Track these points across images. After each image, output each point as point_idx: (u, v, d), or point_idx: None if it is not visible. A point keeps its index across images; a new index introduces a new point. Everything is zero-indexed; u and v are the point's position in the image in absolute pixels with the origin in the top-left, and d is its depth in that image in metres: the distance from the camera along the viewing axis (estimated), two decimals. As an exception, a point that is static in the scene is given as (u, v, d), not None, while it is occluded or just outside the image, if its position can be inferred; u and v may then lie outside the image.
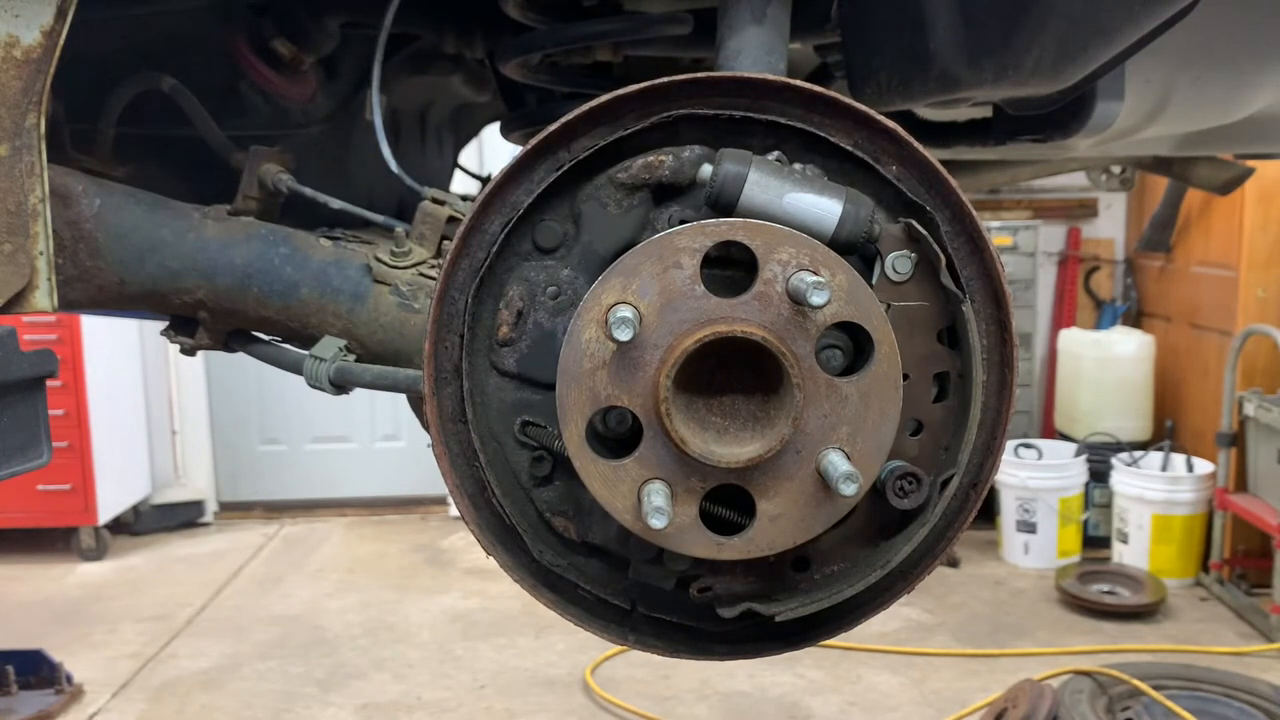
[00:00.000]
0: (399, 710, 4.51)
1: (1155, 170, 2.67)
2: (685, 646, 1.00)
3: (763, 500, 0.87)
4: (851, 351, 0.90)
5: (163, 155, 1.58)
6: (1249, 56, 1.37)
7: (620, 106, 0.90)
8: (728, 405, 0.87)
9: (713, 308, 0.84)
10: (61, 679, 4.55)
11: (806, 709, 4.45)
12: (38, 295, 1.04)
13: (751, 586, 0.95)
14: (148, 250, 1.24)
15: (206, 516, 7.30)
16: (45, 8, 0.99)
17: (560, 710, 4.48)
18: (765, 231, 0.84)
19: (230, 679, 4.80)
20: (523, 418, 0.95)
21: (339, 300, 1.25)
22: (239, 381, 7.24)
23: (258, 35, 1.55)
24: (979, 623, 5.37)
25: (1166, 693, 4.00)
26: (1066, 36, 1.08)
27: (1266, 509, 5.26)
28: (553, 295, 0.94)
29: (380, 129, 1.41)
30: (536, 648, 5.06)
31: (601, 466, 0.86)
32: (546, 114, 1.61)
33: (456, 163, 2.43)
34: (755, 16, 1.16)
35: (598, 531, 0.96)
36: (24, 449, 1.22)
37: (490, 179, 0.92)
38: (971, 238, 0.91)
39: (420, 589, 5.89)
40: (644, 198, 0.92)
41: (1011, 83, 1.14)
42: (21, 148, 1.01)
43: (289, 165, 1.37)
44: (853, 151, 0.91)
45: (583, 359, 0.85)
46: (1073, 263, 7.08)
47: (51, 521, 6.34)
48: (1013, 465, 6.02)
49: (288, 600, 5.77)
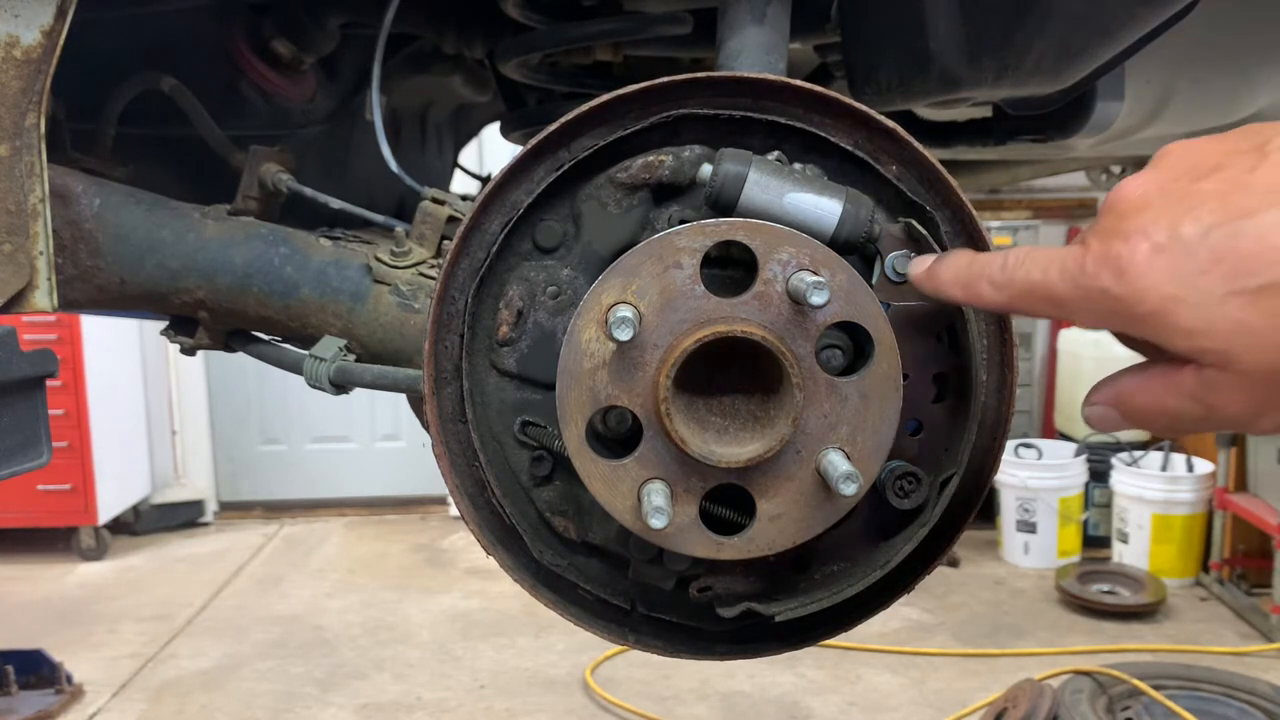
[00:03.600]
0: (399, 710, 4.51)
1: (1155, 170, 2.66)
2: (685, 646, 1.00)
3: (763, 500, 0.87)
4: (851, 351, 0.90)
5: (163, 155, 1.58)
6: (1249, 56, 1.37)
7: (620, 106, 0.90)
8: (728, 405, 0.87)
9: (713, 308, 0.84)
10: (61, 679, 4.55)
11: (806, 709, 4.45)
12: (38, 295, 1.04)
13: (751, 586, 0.95)
14: (148, 250, 1.24)
15: (206, 516, 7.30)
16: (45, 8, 0.99)
17: (560, 710, 4.48)
18: (765, 231, 0.84)
19: (230, 679, 4.80)
20: (523, 418, 0.95)
21: (339, 300, 1.25)
22: (239, 381, 7.25)
23: (258, 35, 1.55)
24: (979, 623, 5.37)
25: (1166, 693, 4.00)
26: (1067, 36, 1.08)
27: (1266, 509, 5.27)
28: (553, 295, 0.94)
29: (380, 129, 1.41)
30: (536, 648, 5.06)
31: (601, 466, 0.86)
32: (546, 114, 1.61)
33: (456, 163, 2.43)
34: (755, 16, 1.16)
35: (598, 531, 0.96)
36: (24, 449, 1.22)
37: (490, 179, 0.92)
38: (971, 238, 0.90)
39: (420, 589, 5.89)
40: (644, 198, 0.92)
41: (1012, 82, 1.14)
42: (21, 148, 1.01)
43: (289, 165, 1.37)
44: (853, 151, 0.91)
45: (582, 359, 0.85)
46: (1074, 254, 7.08)
47: (51, 521, 6.34)
48: (1013, 465, 6.02)
49: (288, 600, 5.77)
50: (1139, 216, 0.68)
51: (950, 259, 0.82)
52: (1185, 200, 0.67)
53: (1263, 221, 0.64)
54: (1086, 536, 6.29)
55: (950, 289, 0.80)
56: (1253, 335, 0.64)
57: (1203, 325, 0.65)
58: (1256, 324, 0.63)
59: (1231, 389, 0.66)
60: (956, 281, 0.80)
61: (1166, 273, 0.66)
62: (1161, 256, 0.66)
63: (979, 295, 0.77)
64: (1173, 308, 0.65)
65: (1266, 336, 0.64)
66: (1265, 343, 0.64)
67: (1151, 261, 0.66)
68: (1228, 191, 0.66)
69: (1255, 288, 0.63)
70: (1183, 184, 0.69)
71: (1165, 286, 0.65)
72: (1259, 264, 0.63)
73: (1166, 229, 0.66)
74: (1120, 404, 0.73)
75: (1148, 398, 0.71)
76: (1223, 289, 0.64)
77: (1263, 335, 0.64)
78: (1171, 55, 1.31)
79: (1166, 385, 0.70)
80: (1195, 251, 0.65)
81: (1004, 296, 0.75)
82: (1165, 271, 0.66)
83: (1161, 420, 0.71)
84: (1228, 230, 0.65)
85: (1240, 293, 0.64)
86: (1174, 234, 0.66)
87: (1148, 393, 0.71)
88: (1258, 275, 0.63)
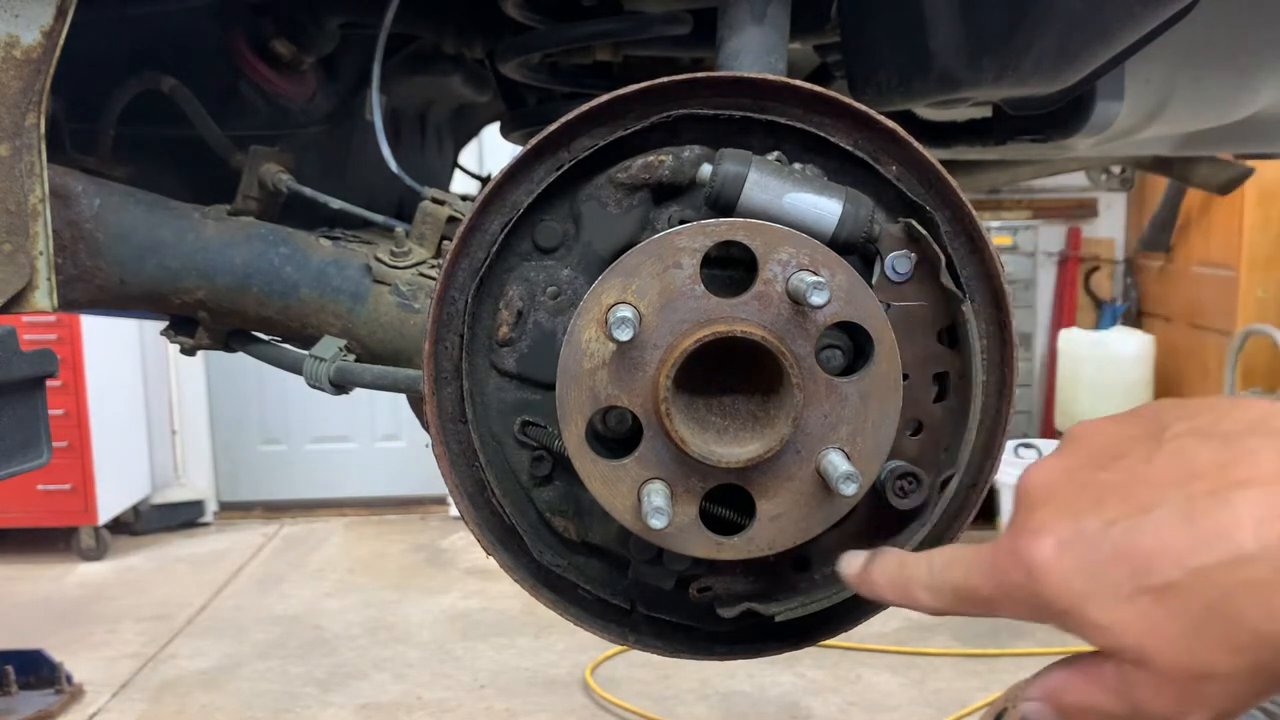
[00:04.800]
0: (399, 710, 4.51)
1: (1155, 170, 2.67)
2: (685, 646, 1.00)
3: (763, 500, 0.87)
4: (851, 351, 0.90)
5: (163, 155, 1.58)
6: (1249, 56, 1.37)
7: (620, 106, 0.90)
8: (728, 405, 0.87)
9: (712, 308, 0.84)
10: (61, 679, 4.55)
11: (806, 709, 4.45)
12: (38, 295, 1.04)
13: (751, 586, 0.95)
14: (148, 250, 1.24)
15: (206, 516, 7.30)
16: (45, 8, 0.99)
17: (560, 710, 4.48)
18: (765, 231, 0.84)
19: (230, 679, 4.80)
20: (523, 418, 0.95)
21: (339, 300, 1.25)
22: (239, 381, 7.24)
23: (258, 35, 1.55)
24: (979, 623, 5.37)
25: (1166, 693, 3.99)
26: (1067, 36, 1.08)
27: (1266, 509, 5.25)
28: (553, 295, 0.94)
29: (380, 129, 1.41)
30: (536, 648, 5.06)
31: (601, 466, 0.86)
32: (546, 114, 1.61)
33: (456, 163, 2.43)
34: (755, 16, 1.16)
35: (598, 531, 0.96)
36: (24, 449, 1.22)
37: (490, 179, 0.92)
38: (971, 238, 0.91)
39: (420, 589, 5.89)
40: (644, 198, 0.92)
41: (1011, 82, 1.14)
42: (21, 148, 1.01)
43: (289, 165, 1.37)
44: (853, 151, 0.91)
45: (582, 359, 0.85)
46: (1073, 263, 7.08)
47: (51, 521, 6.34)
48: (1013, 465, 6.02)
49: (288, 600, 5.77)
50: (1044, 509, 0.68)
51: (881, 561, 0.81)
52: (1087, 490, 0.67)
53: (1159, 518, 0.63)
54: (1086, 536, 6.28)
55: (885, 592, 0.80)
56: (1161, 635, 0.63)
57: (1114, 622, 0.64)
58: (1164, 623, 0.62)
59: (1151, 687, 0.65)
60: (891, 585, 0.79)
61: (1074, 569, 0.65)
62: (1068, 553, 0.65)
63: (915, 600, 0.77)
64: (1083, 604, 0.65)
65: (1174, 638, 0.62)
66: (1174, 644, 0.62)
67: (1060, 558, 0.66)
68: (1126, 483, 0.66)
69: (1159, 585, 0.62)
70: (1086, 473, 0.68)
71: (1074, 583, 0.65)
72: (1159, 561, 0.62)
73: (1070, 523, 0.66)
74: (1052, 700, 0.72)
75: (1076, 695, 0.70)
76: (1129, 586, 0.63)
77: (1172, 635, 0.62)
78: (1171, 55, 1.31)
79: (1090, 679, 0.68)
80: (1099, 546, 0.64)
81: (940, 602, 0.75)
82: (1072, 568, 0.65)
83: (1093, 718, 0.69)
84: (1126, 526, 0.64)
85: (1145, 591, 0.63)
86: (1077, 529, 0.65)
87: (1075, 690, 0.70)
88: (1159, 574, 0.62)
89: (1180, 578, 0.62)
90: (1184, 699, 0.64)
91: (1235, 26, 1.32)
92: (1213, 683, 0.63)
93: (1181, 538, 0.62)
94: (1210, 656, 0.62)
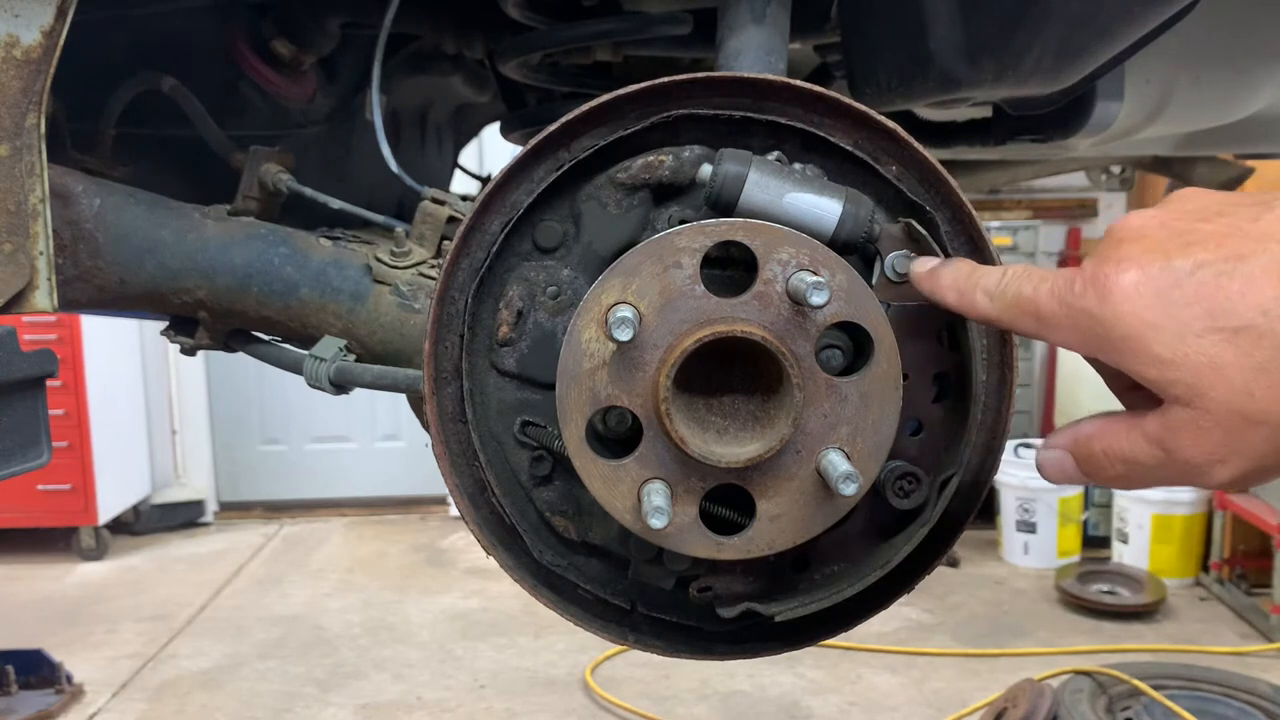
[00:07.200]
0: (399, 710, 4.51)
1: (1155, 170, 2.67)
2: (685, 646, 1.00)
3: (763, 500, 0.87)
4: (851, 351, 0.90)
5: (163, 155, 1.58)
6: (1249, 56, 1.37)
7: (620, 106, 0.90)
8: (728, 405, 0.87)
9: (712, 308, 0.84)
10: (61, 679, 4.55)
11: (806, 709, 4.45)
12: (38, 295, 1.04)
13: (751, 586, 0.95)
14: (148, 250, 1.24)
15: (206, 516, 7.30)
16: (45, 8, 0.99)
17: (560, 710, 4.48)
18: (765, 231, 0.84)
19: (230, 679, 4.80)
20: (523, 418, 0.95)
21: (339, 300, 1.25)
22: (239, 381, 7.25)
23: (258, 35, 1.55)
24: (979, 623, 5.37)
25: (1166, 692, 4.00)
26: (1066, 36, 1.08)
27: (1266, 509, 5.27)
28: (553, 295, 0.94)
29: (380, 129, 1.41)
30: (536, 648, 5.06)
31: (601, 466, 0.86)
32: (546, 114, 1.61)
33: (456, 163, 2.43)
34: (755, 16, 1.16)
35: (598, 531, 0.96)
36: (24, 449, 1.22)
37: (490, 179, 0.92)
38: (971, 238, 0.90)
39: (420, 589, 5.89)
40: (644, 198, 0.92)
41: (1011, 82, 1.14)
42: (21, 148, 1.01)
43: (289, 165, 1.37)
44: (853, 151, 0.91)
45: (582, 359, 0.85)
46: (1073, 263, 7.05)
47: (51, 521, 6.34)
48: (1013, 465, 6.02)
49: (288, 600, 5.77)
50: (1134, 245, 0.69)
51: (953, 265, 0.83)
52: (1183, 236, 0.68)
53: (1254, 266, 0.65)
54: (1086, 536, 6.29)
55: (947, 294, 0.81)
56: (1222, 373, 0.64)
57: (1176, 356, 0.65)
58: (1229, 363, 0.64)
59: (1193, 431, 0.66)
60: (954, 287, 0.81)
61: (1149, 300, 0.66)
62: (1148, 284, 0.67)
63: (972, 303, 0.79)
64: (1149, 334, 0.66)
65: (1236, 377, 0.64)
66: (1234, 383, 0.64)
67: (1137, 287, 0.67)
68: (1226, 234, 0.67)
69: (1234, 328, 0.64)
70: (1185, 222, 0.69)
71: (1146, 313, 0.66)
72: (1242, 305, 0.64)
73: (1159, 259, 0.67)
74: (1077, 448, 0.73)
75: (1106, 442, 0.71)
76: (1202, 324, 0.65)
77: (1232, 375, 0.64)
78: (1171, 55, 1.31)
79: (1129, 428, 0.70)
80: (1182, 284, 0.66)
81: (995, 308, 0.76)
82: (1148, 299, 0.66)
83: (1117, 467, 0.72)
84: (1218, 269, 0.65)
85: (1219, 330, 0.64)
86: (1165, 265, 0.67)
87: (1107, 437, 0.71)
88: (1238, 316, 0.64)
89: (1258, 321, 0.63)
90: (1224, 444, 0.66)
91: (1235, 26, 1.32)
92: (1260, 430, 0.65)
93: (1271, 286, 0.64)
94: (1267, 402, 0.64)
